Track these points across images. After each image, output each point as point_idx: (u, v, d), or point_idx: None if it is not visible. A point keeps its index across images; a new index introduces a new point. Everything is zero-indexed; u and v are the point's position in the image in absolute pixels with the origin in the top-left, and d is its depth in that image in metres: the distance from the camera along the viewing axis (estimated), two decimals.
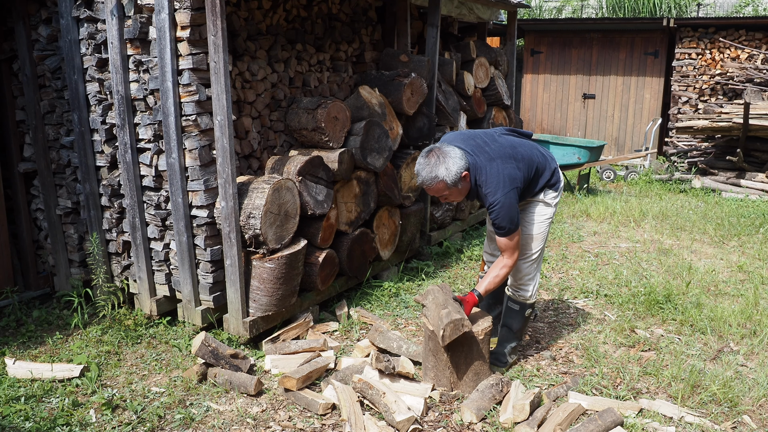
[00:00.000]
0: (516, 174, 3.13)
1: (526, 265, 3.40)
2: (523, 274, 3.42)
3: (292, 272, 3.75)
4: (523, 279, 3.42)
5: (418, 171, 3.08)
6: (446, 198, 3.16)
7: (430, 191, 3.12)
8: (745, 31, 9.58)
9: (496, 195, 3.06)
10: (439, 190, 3.08)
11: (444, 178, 3.01)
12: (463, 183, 3.09)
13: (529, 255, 3.38)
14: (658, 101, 10.65)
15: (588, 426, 2.80)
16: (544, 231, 3.39)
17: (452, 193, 3.11)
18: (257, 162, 4.15)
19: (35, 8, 4.05)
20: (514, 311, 3.49)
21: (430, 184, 3.05)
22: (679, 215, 7.04)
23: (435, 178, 3.02)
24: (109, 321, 4.00)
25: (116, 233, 4.14)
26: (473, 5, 6.68)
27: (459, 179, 3.04)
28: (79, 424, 2.97)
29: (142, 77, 3.71)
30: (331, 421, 3.00)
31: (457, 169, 3.02)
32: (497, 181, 3.07)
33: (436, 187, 3.06)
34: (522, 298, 3.46)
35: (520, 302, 3.47)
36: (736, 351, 3.71)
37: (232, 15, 3.92)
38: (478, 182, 3.12)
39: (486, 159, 3.13)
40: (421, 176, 3.06)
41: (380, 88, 4.83)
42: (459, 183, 3.06)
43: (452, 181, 3.02)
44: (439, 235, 5.74)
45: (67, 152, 4.20)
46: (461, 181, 3.07)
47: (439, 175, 3.00)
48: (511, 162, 3.15)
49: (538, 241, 3.37)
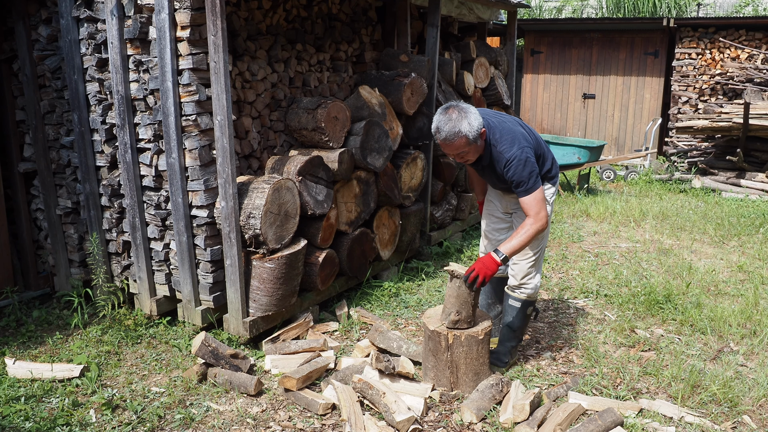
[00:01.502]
0: (527, 136, 3.15)
1: (525, 263, 3.38)
2: (524, 273, 3.40)
3: (292, 272, 3.75)
4: (524, 277, 3.40)
5: (438, 127, 2.99)
6: (462, 157, 3.10)
7: (448, 148, 3.05)
8: (745, 31, 9.58)
9: (512, 150, 3.04)
10: (459, 147, 3.01)
11: (467, 133, 2.96)
12: (481, 141, 3.07)
13: (529, 254, 3.37)
14: (658, 101, 10.65)
15: (588, 426, 2.80)
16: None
17: (470, 150, 3.06)
18: (257, 162, 4.15)
19: (35, 8, 4.05)
20: (514, 309, 3.44)
21: (453, 140, 2.98)
22: (679, 215, 7.04)
23: (458, 133, 2.96)
24: (109, 321, 4.00)
25: (116, 233, 4.14)
26: (473, 5, 6.68)
27: (479, 135, 3.02)
28: (79, 424, 2.97)
29: (142, 77, 3.71)
30: (331, 421, 3.00)
31: (478, 125, 2.99)
32: (511, 138, 3.08)
33: (457, 143, 2.99)
34: (523, 296, 3.43)
35: (520, 300, 3.43)
36: (736, 351, 3.71)
37: (232, 15, 3.92)
38: (492, 141, 3.10)
39: (497, 121, 3.15)
40: (442, 132, 2.98)
41: (380, 88, 4.83)
42: (478, 140, 3.04)
43: (473, 137, 2.99)
44: (439, 235, 5.74)
45: (67, 152, 4.20)
46: (480, 138, 3.05)
47: (462, 129, 2.95)
48: (519, 127, 3.18)
49: (537, 240, 3.34)
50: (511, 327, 3.46)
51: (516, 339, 3.50)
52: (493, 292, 3.71)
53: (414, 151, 5.03)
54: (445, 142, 3.02)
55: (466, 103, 3.07)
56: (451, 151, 3.06)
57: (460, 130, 2.96)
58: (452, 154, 3.09)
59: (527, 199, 3.07)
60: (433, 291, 4.69)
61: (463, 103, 3.06)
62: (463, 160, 3.15)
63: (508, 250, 3.06)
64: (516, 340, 3.51)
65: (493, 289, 3.70)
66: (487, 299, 3.73)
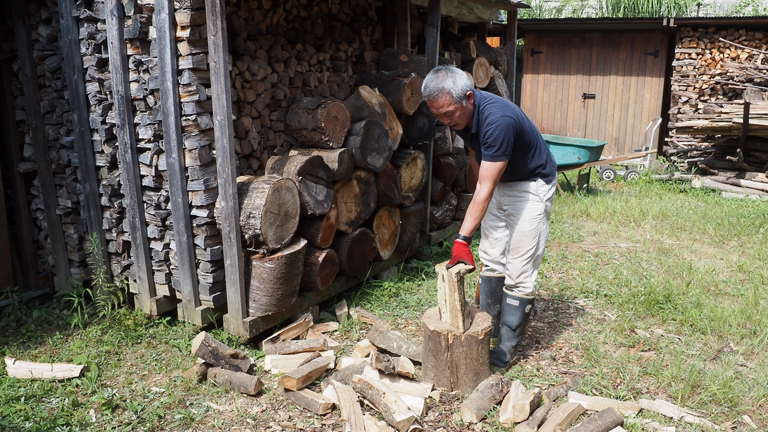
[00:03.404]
0: (520, 114, 3.23)
1: (520, 263, 3.39)
2: (519, 271, 3.41)
3: (292, 272, 3.75)
4: (520, 276, 3.41)
5: (425, 85, 3.11)
6: (450, 117, 3.16)
7: (434, 106, 3.13)
8: (745, 31, 9.59)
9: (496, 114, 3.12)
10: (443, 105, 3.09)
11: (450, 90, 3.06)
12: (468, 104, 3.15)
13: (523, 253, 3.37)
14: (658, 101, 10.65)
15: (588, 426, 2.80)
16: (538, 228, 3.36)
17: (456, 110, 3.12)
18: (257, 162, 4.15)
19: (35, 8, 4.05)
20: (513, 307, 3.46)
21: (437, 96, 3.07)
22: (679, 215, 7.04)
23: (442, 89, 3.06)
24: (109, 321, 4.00)
25: (116, 233, 4.14)
26: (473, 5, 6.68)
27: (464, 96, 3.10)
28: (79, 424, 2.97)
29: (142, 77, 3.71)
30: (331, 421, 3.00)
31: (463, 85, 3.08)
32: (502, 105, 3.16)
33: (441, 100, 3.08)
34: (520, 294, 3.44)
35: (518, 297, 3.45)
36: (736, 351, 3.71)
37: (232, 15, 3.92)
38: (481, 108, 3.18)
39: (500, 99, 3.25)
40: (427, 89, 3.09)
41: (380, 88, 4.83)
42: (464, 101, 3.11)
43: (458, 96, 3.07)
44: (439, 235, 5.74)
45: (67, 152, 4.20)
46: (466, 99, 3.13)
47: (446, 86, 3.05)
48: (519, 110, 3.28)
49: (531, 238, 3.35)
50: (510, 326, 3.48)
51: (516, 338, 3.51)
52: (492, 292, 3.71)
53: (414, 151, 5.03)
54: (429, 98, 3.11)
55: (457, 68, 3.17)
56: (436, 108, 3.14)
57: (443, 87, 3.06)
58: (439, 113, 3.15)
59: (486, 165, 3.15)
60: (433, 291, 4.69)
61: (453, 67, 3.16)
62: (451, 122, 3.20)
63: (466, 231, 3.23)
64: (516, 339, 3.51)
65: (492, 289, 3.70)
66: (486, 299, 3.73)
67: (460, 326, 3.17)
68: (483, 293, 3.74)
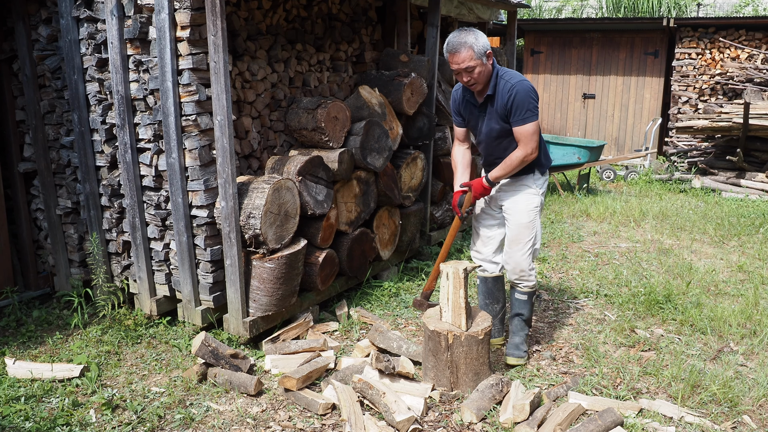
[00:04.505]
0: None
1: (520, 255, 3.48)
2: (522, 265, 3.50)
3: (292, 272, 3.75)
4: (524, 270, 3.52)
5: (447, 41, 3.20)
6: (470, 74, 3.21)
7: (455, 61, 3.19)
8: (745, 31, 9.58)
9: (517, 78, 3.23)
10: (465, 60, 3.16)
11: (472, 45, 3.15)
12: (488, 63, 3.22)
13: (522, 245, 3.46)
14: (658, 101, 10.65)
15: (588, 426, 2.80)
16: (535, 220, 3.46)
17: (477, 66, 3.18)
18: (257, 162, 4.15)
19: (35, 8, 4.05)
20: (522, 301, 3.61)
21: (459, 49, 3.15)
22: (679, 215, 7.04)
23: (464, 43, 3.15)
24: (109, 321, 4.00)
25: (116, 233, 4.14)
26: (473, 5, 6.68)
27: (485, 54, 3.19)
28: (79, 424, 2.97)
29: (142, 77, 3.71)
30: (331, 421, 3.00)
31: (484, 42, 3.19)
32: (520, 76, 3.27)
33: (463, 54, 3.16)
34: (526, 288, 3.58)
35: (525, 292, 3.59)
36: (736, 351, 3.71)
37: (232, 15, 3.92)
38: (501, 74, 3.27)
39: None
40: (450, 44, 3.19)
41: (380, 88, 4.83)
42: (484, 58, 3.19)
43: (479, 51, 3.16)
44: (439, 235, 5.74)
45: (67, 152, 4.20)
46: (486, 57, 3.20)
47: (468, 41, 3.15)
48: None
49: (529, 230, 3.45)
50: (522, 317, 3.63)
51: (528, 327, 3.68)
52: (490, 292, 3.73)
53: (414, 151, 5.03)
54: (451, 52, 3.19)
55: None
56: (457, 63, 3.19)
57: (466, 41, 3.16)
58: (459, 68, 3.20)
59: (522, 128, 3.21)
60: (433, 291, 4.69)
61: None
62: (471, 80, 3.23)
63: (493, 177, 3.32)
64: (528, 328, 3.68)
65: (489, 289, 3.73)
66: (485, 299, 3.74)
67: (462, 324, 3.17)
68: (481, 294, 3.77)
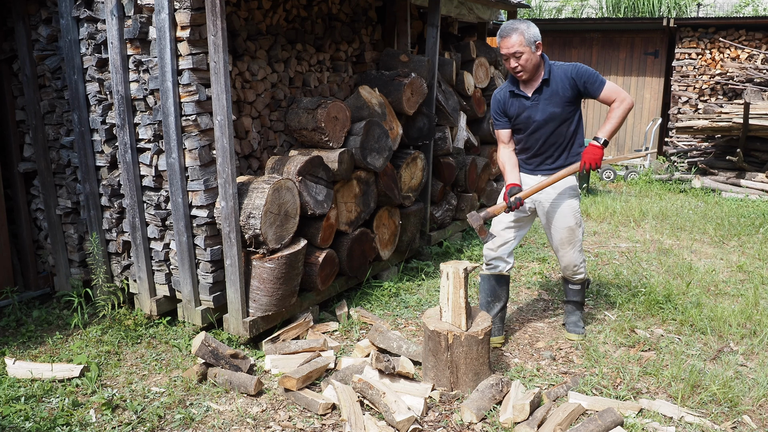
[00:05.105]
0: None
1: (574, 253, 3.69)
2: (575, 261, 3.71)
3: (292, 272, 3.75)
4: (578, 265, 3.73)
5: (501, 27, 3.37)
6: (518, 60, 3.33)
7: (505, 45, 3.33)
8: (745, 31, 9.58)
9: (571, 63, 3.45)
10: (514, 45, 3.30)
11: (523, 31, 3.31)
12: (536, 52, 3.35)
13: (574, 243, 3.66)
14: (658, 101, 10.65)
15: (588, 426, 2.80)
16: (580, 218, 3.66)
17: (525, 53, 3.32)
18: (257, 162, 4.15)
19: (35, 8, 4.05)
20: (577, 290, 3.87)
21: (509, 33, 3.31)
22: (679, 215, 7.04)
23: (515, 29, 3.31)
24: (109, 321, 4.00)
25: (116, 233, 4.14)
26: (473, 5, 6.68)
27: (534, 43, 3.33)
28: (79, 424, 2.97)
29: (142, 77, 3.71)
30: (331, 421, 3.00)
31: (535, 32, 3.34)
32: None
33: (513, 39, 3.31)
34: (580, 279, 3.82)
35: (580, 282, 3.85)
36: (736, 351, 3.71)
37: (232, 15, 3.92)
38: (551, 63, 3.44)
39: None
40: (503, 29, 3.35)
41: (380, 88, 4.83)
42: (533, 47, 3.33)
43: (528, 39, 3.31)
44: (439, 235, 5.74)
45: (67, 152, 4.20)
46: (535, 47, 3.34)
47: (520, 27, 3.31)
48: None
49: (577, 230, 3.65)
50: (577, 302, 3.91)
51: (582, 308, 3.96)
52: (492, 290, 3.73)
53: (414, 151, 5.03)
54: (502, 36, 3.34)
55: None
56: (506, 47, 3.33)
57: (517, 27, 3.32)
58: (508, 53, 3.34)
59: (606, 88, 3.37)
60: (433, 291, 4.69)
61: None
62: (517, 66, 3.35)
63: (606, 134, 3.39)
64: (582, 310, 3.97)
65: (492, 287, 3.73)
66: (486, 297, 3.74)
67: (462, 324, 3.17)
68: (483, 292, 3.77)
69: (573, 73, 3.37)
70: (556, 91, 3.40)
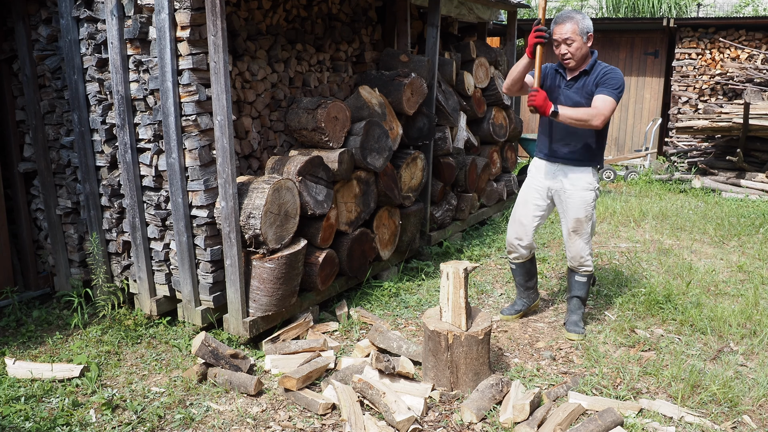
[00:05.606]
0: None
1: (582, 243, 3.85)
2: (582, 253, 3.87)
3: (292, 272, 3.75)
4: (584, 257, 3.88)
5: (558, 15, 3.55)
6: (568, 47, 3.52)
7: (558, 31, 3.52)
8: (745, 31, 9.58)
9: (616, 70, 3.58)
10: (567, 32, 3.50)
11: (578, 21, 3.50)
12: (587, 43, 3.56)
13: (582, 235, 3.83)
14: (658, 101, 10.65)
15: (588, 426, 2.80)
16: (592, 213, 3.81)
17: (576, 42, 3.52)
18: (257, 162, 4.15)
19: (35, 8, 4.05)
20: (581, 283, 3.96)
21: (564, 20, 3.51)
22: (679, 215, 7.04)
23: (571, 17, 3.51)
24: (109, 321, 4.00)
25: (116, 233, 4.14)
26: (473, 5, 6.68)
27: (586, 33, 3.54)
28: (79, 424, 2.97)
29: (142, 77, 3.71)
30: (331, 421, 3.00)
31: (589, 24, 3.53)
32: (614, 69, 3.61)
33: (567, 26, 3.51)
34: (587, 272, 3.94)
35: (585, 275, 3.95)
36: (736, 351, 3.71)
37: (232, 15, 3.92)
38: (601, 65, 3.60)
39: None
40: (558, 16, 3.53)
41: (380, 88, 4.83)
42: (585, 37, 3.54)
43: (581, 29, 3.51)
44: (439, 235, 5.74)
45: (67, 152, 4.20)
46: (587, 37, 3.55)
47: (575, 17, 3.51)
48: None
49: (588, 223, 3.81)
50: (580, 298, 3.99)
51: (584, 306, 4.05)
52: (528, 272, 4.14)
53: (414, 151, 5.03)
54: (557, 23, 3.53)
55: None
56: (560, 33, 3.52)
57: (572, 16, 3.52)
58: (560, 38, 3.53)
59: (603, 97, 3.49)
60: (433, 291, 4.69)
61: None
62: (567, 53, 3.54)
63: (562, 111, 3.47)
64: (584, 307, 4.08)
65: (528, 269, 4.14)
66: (524, 279, 4.16)
67: (462, 324, 3.17)
68: (519, 276, 4.16)
69: (609, 72, 3.55)
70: (588, 84, 3.59)
